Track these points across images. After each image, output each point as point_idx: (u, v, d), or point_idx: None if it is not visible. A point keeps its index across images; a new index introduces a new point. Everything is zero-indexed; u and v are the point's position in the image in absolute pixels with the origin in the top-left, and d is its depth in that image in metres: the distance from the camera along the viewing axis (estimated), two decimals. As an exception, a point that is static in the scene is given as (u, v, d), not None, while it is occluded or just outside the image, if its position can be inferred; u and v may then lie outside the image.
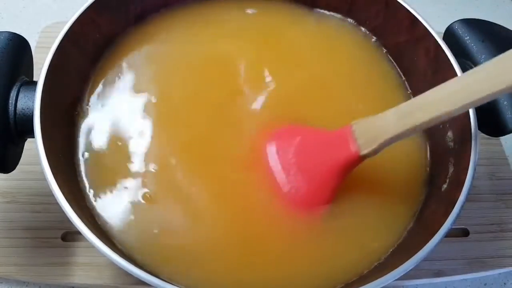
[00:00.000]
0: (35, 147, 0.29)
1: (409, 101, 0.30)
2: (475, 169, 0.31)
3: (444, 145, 0.35)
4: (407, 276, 0.27)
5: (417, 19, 0.37)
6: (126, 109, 0.36)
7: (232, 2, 0.42)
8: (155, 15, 0.41)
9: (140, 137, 0.34)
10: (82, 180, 0.33)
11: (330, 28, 0.42)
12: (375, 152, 0.30)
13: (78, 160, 0.33)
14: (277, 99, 0.36)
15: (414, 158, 0.36)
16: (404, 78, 0.40)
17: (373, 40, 0.41)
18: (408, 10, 0.37)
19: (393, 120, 0.29)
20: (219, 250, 0.31)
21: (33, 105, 0.30)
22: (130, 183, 0.32)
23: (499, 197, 0.41)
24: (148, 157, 0.33)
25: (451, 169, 0.33)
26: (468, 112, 0.32)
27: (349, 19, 0.42)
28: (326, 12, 0.43)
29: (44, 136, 0.29)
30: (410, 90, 0.39)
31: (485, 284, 0.39)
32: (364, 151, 0.29)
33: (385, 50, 0.41)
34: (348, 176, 0.32)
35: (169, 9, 0.41)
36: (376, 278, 0.27)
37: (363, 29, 0.42)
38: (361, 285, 0.26)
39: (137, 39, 0.39)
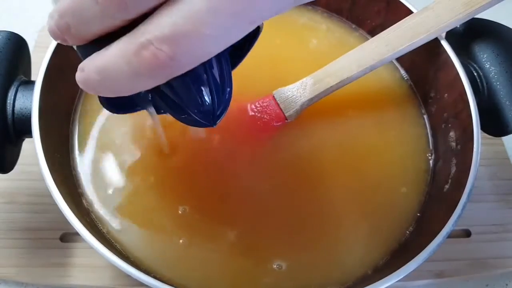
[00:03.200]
0: (33, 147, 0.28)
1: (322, 69, 0.35)
2: (477, 170, 0.30)
3: (446, 145, 0.35)
4: (409, 277, 0.27)
5: (418, 18, 0.37)
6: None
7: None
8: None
9: (139, 136, 0.34)
10: (81, 181, 0.32)
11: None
12: (297, 112, 0.35)
13: (76, 160, 0.33)
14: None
15: (416, 158, 0.36)
16: (407, 77, 0.40)
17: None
18: (410, 9, 0.37)
19: (309, 85, 0.34)
20: (218, 252, 0.31)
21: (31, 105, 0.30)
22: (129, 183, 0.32)
23: (501, 197, 0.41)
24: (147, 155, 0.33)
25: (453, 169, 0.33)
26: (470, 112, 0.32)
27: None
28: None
29: (42, 136, 0.29)
30: (414, 88, 0.39)
31: (487, 285, 0.39)
32: (288, 114, 0.35)
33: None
34: (349, 176, 0.33)
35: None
36: (378, 279, 0.26)
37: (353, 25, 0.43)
38: (363, 287, 0.26)
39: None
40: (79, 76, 0.20)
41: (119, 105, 0.22)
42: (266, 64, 0.38)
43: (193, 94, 0.20)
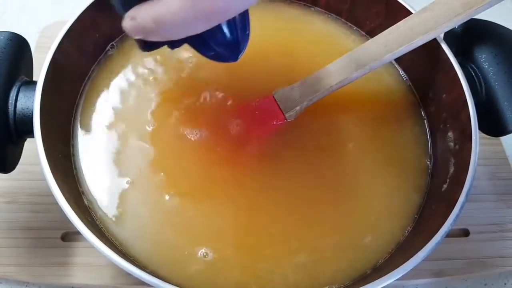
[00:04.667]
0: (35, 147, 0.29)
1: (322, 69, 0.35)
2: (475, 169, 0.31)
3: (445, 145, 0.35)
4: (407, 276, 0.27)
5: (417, 19, 0.37)
6: (126, 109, 0.36)
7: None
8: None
9: (139, 135, 0.34)
10: (82, 180, 0.33)
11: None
12: (296, 113, 0.35)
13: (77, 159, 0.33)
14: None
15: (415, 158, 0.36)
16: (406, 77, 0.40)
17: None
18: (408, 10, 0.37)
19: (309, 85, 0.35)
20: (219, 250, 0.31)
21: (32, 105, 0.30)
22: (130, 183, 0.33)
23: (500, 197, 0.41)
24: (148, 156, 0.34)
25: (451, 169, 0.33)
26: (468, 113, 0.33)
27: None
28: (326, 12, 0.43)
29: (43, 136, 0.29)
30: (412, 89, 0.40)
31: (485, 284, 0.39)
32: (288, 115, 0.35)
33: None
34: (348, 176, 0.33)
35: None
36: (377, 278, 0.27)
37: (355, 27, 0.43)
38: (362, 285, 0.26)
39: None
40: (129, 24, 0.23)
41: (151, 45, 0.25)
42: (299, 74, 0.38)
43: (222, 32, 0.24)
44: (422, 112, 0.38)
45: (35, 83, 0.31)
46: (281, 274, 0.31)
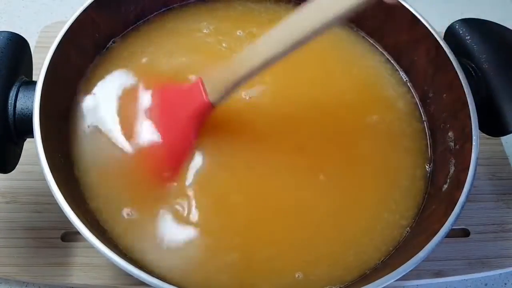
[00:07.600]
0: (35, 147, 0.29)
1: (248, 47, 0.31)
2: (475, 169, 0.31)
3: (445, 145, 0.35)
4: (407, 276, 0.27)
5: (417, 18, 0.37)
6: (125, 109, 0.36)
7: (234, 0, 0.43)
8: (155, 15, 0.41)
9: (138, 136, 0.34)
10: (82, 180, 0.33)
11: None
12: (222, 97, 0.32)
13: (77, 159, 0.33)
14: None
15: (415, 158, 0.36)
16: (406, 78, 0.40)
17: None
18: (408, 10, 0.37)
19: (236, 66, 0.31)
20: (219, 250, 0.31)
21: (32, 105, 0.30)
22: (129, 182, 0.33)
23: (500, 197, 0.41)
24: (148, 154, 0.33)
25: (451, 169, 0.33)
26: (468, 113, 0.33)
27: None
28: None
29: (43, 136, 0.29)
30: (412, 89, 0.40)
31: (485, 285, 0.39)
32: (212, 98, 0.32)
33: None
34: (347, 176, 0.32)
35: (169, 8, 0.41)
36: (377, 279, 0.27)
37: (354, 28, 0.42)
38: (362, 286, 0.26)
39: (137, 39, 0.39)
40: None
41: None
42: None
43: None
44: (422, 112, 0.38)
45: (35, 83, 0.31)
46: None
